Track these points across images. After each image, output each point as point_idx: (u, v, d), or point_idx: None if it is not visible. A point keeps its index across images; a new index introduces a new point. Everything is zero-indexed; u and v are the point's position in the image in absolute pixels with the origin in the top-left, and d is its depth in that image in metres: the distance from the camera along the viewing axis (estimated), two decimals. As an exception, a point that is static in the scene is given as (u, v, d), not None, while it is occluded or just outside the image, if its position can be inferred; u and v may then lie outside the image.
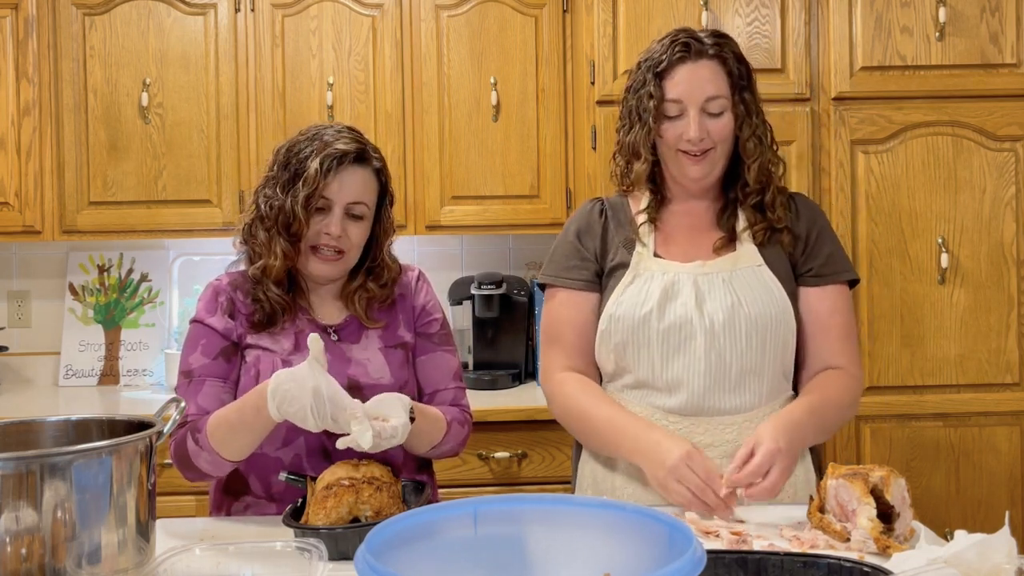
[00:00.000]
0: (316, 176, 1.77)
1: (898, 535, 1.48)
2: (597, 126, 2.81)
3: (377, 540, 1.09)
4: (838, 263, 1.89)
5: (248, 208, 1.89)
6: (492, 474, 2.84)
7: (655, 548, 1.11)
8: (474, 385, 3.14)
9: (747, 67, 1.86)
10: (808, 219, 1.91)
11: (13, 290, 3.41)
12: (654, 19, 2.78)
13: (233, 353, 1.83)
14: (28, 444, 1.48)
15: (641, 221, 1.91)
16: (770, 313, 1.80)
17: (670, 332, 1.80)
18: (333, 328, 1.88)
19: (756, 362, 1.81)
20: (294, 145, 1.84)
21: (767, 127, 1.88)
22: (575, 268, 1.92)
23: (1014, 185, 2.77)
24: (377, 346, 1.88)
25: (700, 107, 1.80)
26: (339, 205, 1.80)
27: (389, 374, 1.85)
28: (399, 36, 3.10)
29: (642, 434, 1.75)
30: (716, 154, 1.84)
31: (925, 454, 2.77)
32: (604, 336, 1.86)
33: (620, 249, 1.89)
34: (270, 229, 1.80)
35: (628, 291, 1.84)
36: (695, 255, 1.86)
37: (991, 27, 2.76)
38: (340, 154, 1.79)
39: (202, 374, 1.81)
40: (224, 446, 1.71)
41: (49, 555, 1.26)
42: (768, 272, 1.84)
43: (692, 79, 1.80)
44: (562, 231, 1.99)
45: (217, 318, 1.84)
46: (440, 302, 2.02)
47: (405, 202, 3.10)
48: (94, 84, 3.06)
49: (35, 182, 3.06)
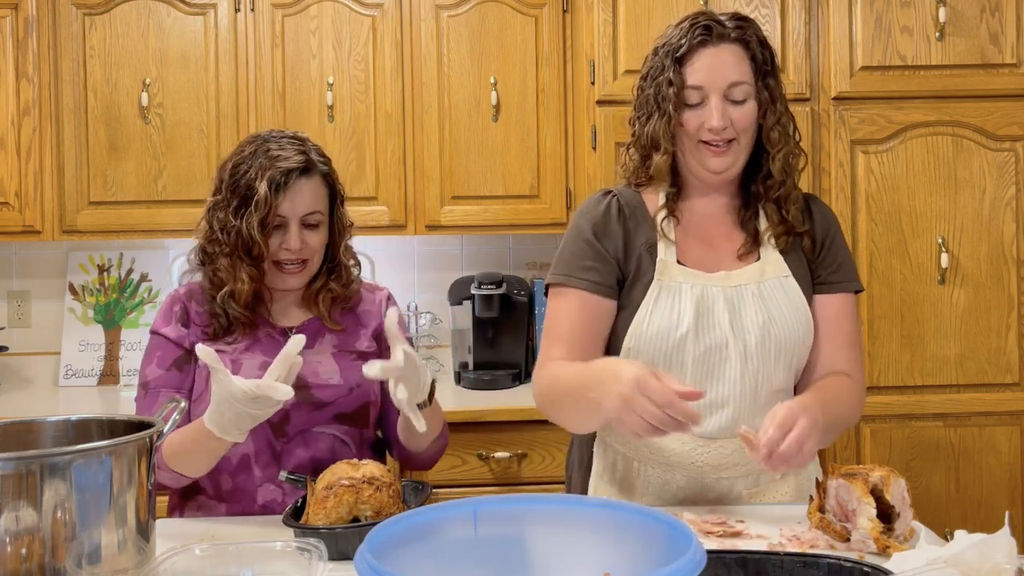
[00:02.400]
0: (267, 198, 1.77)
1: (898, 535, 1.47)
2: (597, 126, 2.82)
3: (377, 540, 1.09)
4: (849, 271, 1.84)
5: (200, 228, 1.89)
6: (492, 474, 2.84)
7: (655, 548, 1.11)
8: (474, 385, 3.14)
9: (771, 52, 1.75)
10: (824, 224, 1.84)
11: (13, 290, 3.41)
12: (654, 19, 2.78)
13: (187, 362, 1.85)
14: (28, 444, 1.47)
15: (662, 217, 1.77)
16: (798, 333, 1.74)
17: (706, 355, 1.70)
18: (292, 330, 1.88)
19: (783, 382, 1.77)
20: (239, 164, 1.83)
21: (790, 116, 1.78)
22: (592, 269, 1.74)
23: (1014, 185, 2.77)
24: (330, 351, 1.88)
25: (723, 94, 1.69)
26: (294, 220, 1.81)
27: (339, 376, 1.86)
28: (399, 36, 3.10)
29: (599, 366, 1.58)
30: (739, 145, 1.72)
31: (925, 454, 2.77)
32: (629, 354, 1.71)
33: (643, 255, 1.75)
34: (231, 255, 1.81)
35: (657, 308, 1.71)
36: (718, 261, 1.76)
37: (991, 27, 2.76)
38: (286, 171, 1.79)
39: (157, 385, 1.84)
40: (184, 467, 1.74)
41: (49, 555, 1.26)
42: (794, 284, 1.76)
43: (714, 64, 1.69)
44: (572, 227, 1.82)
45: (171, 327, 1.86)
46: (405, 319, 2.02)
47: (405, 202, 3.11)
48: (94, 84, 3.06)
49: (35, 182, 3.06)
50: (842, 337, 1.81)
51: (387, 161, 3.11)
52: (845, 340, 1.81)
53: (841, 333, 1.81)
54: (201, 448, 1.69)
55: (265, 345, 1.86)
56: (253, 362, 1.82)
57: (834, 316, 1.81)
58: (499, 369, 3.20)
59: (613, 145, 2.79)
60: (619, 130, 2.79)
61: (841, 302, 1.82)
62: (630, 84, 2.77)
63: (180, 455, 1.72)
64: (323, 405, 1.83)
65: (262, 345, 1.86)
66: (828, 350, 1.80)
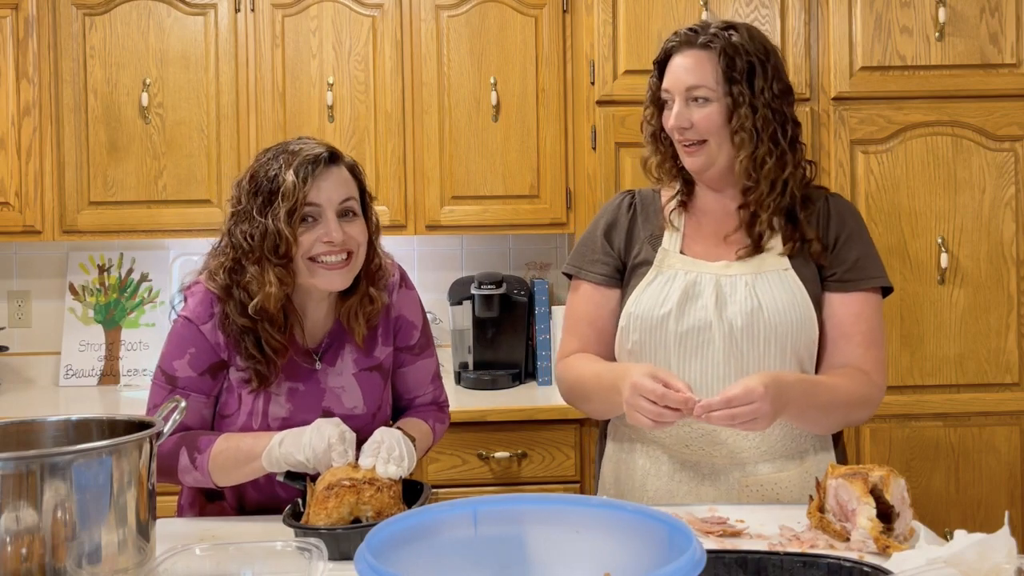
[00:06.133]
0: (295, 186, 1.65)
1: (898, 535, 1.48)
2: (597, 126, 2.81)
3: (377, 540, 1.09)
4: (866, 269, 1.83)
5: (219, 252, 1.75)
6: (492, 474, 2.84)
7: (655, 548, 1.11)
8: (474, 385, 3.14)
9: (749, 59, 1.77)
10: (838, 223, 1.85)
11: (13, 290, 3.41)
12: (654, 19, 2.78)
13: (220, 369, 1.77)
14: (28, 444, 1.48)
15: (670, 208, 1.89)
16: (791, 319, 1.77)
17: (688, 335, 1.79)
18: (317, 352, 1.82)
19: (776, 368, 1.77)
20: (257, 170, 1.71)
21: (770, 124, 1.78)
22: (598, 263, 1.92)
23: (1014, 185, 2.77)
24: (352, 371, 1.82)
25: (684, 96, 1.79)
26: (329, 208, 1.70)
27: (363, 403, 1.83)
28: (399, 36, 3.11)
29: (616, 367, 1.80)
30: (711, 146, 1.80)
31: (925, 454, 2.77)
32: (623, 334, 1.86)
33: (645, 245, 1.89)
34: (259, 260, 1.68)
35: (649, 290, 1.83)
36: (720, 255, 1.84)
37: (991, 27, 2.76)
38: (313, 158, 1.69)
39: (187, 387, 1.75)
40: (222, 476, 1.73)
41: (49, 555, 1.26)
42: (793, 276, 1.80)
43: (678, 68, 1.80)
44: (591, 223, 1.99)
45: (210, 327, 1.75)
46: (420, 298, 1.93)
47: (405, 202, 3.11)
48: (94, 84, 3.07)
49: (35, 182, 3.06)
50: (859, 337, 1.80)
51: (387, 161, 3.11)
52: (862, 340, 1.80)
53: (858, 332, 1.80)
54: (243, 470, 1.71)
55: (293, 369, 1.78)
56: (282, 390, 1.78)
57: (850, 315, 1.81)
58: (499, 369, 3.20)
59: (613, 145, 2.79)
60: (619, 130, 2.79)
61: (858, 301, 1.81)
62: (630, 84, 2.80)
63: (230, 463, 1.71)
64: None
65: (289, 369, 1.78)
66: (844, 350, 1.80)
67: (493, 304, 3.16)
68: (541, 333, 3.19)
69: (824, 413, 1.76)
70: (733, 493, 1.80)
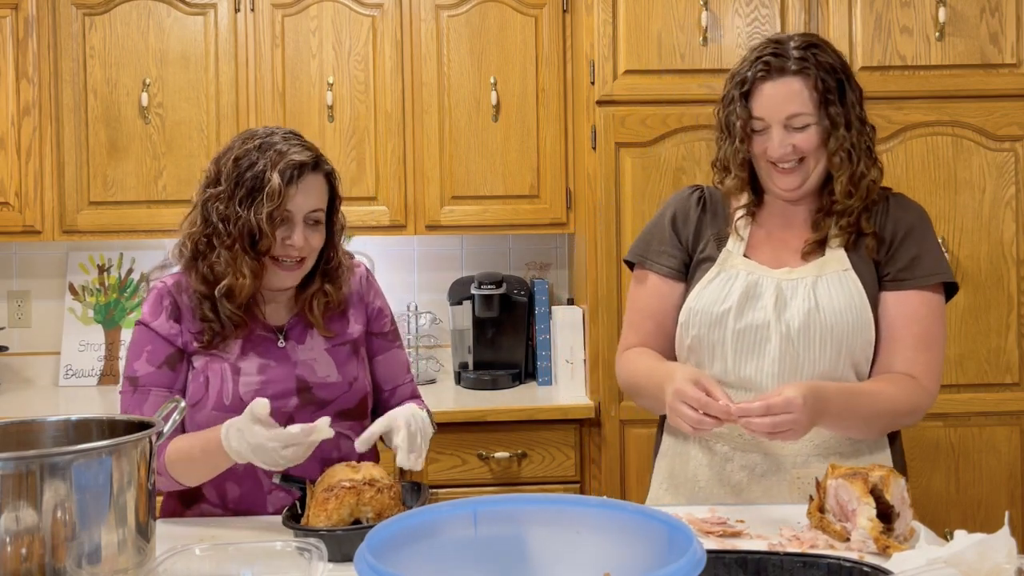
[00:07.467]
0: (279, 190, 1.72)
1: (898, 535, 1.48)
2: (597, 126, 2.81)
3: (377, 540, 1.09)
4: (924, 267, 1.81)
5: (191, 221, 1.81)
6: (492, 474, 2.84)
7: (655, 548, 1.11)
8: (474, 385, 3.14)
9: (839, 77, 1.79)
10: (896, 220, 1.84)
11: (13, 290, 3.41)
12: (654, 19, 2.78)
13: (179, 360, 1.81)
14: (28, 444, 1.47)
15: (738, 216, 1.89)
16: (847, 320, 1.76)
17: (745, 333, 1.79)
18: (282, 330, 1.86)
19: (830, 368, 1.77)
20: (241, 156, 1.77)
21: (862, 136, 1.80)
22: (665, 254, 1.93)
23: (1014, 185, 2.77)
24: (323, 346, 1.87)
25: (783, 124, 1.77)
26: (299, 215, 1.77)
27: (336, 372, 1.86)
28: (399, 36, 3.10)
29: (664, 367, 1.80)
30: (809, 164, 1.80)
31: (925, 454, 2.77)
32: (683, 328, 1.87)
33: (711, 242, 1.89)
34: (232, 247, 1.75)
35: (711, 286, 1.84)
36: (784, 260, 1.84)
37: (991, 27, 2.76)
38: (299, 164, 1.75)
39: (148, 383, 1.79)
40: (184, 476, 1.74)
41: (49, 555, 1.26)
42: (854, 277, 1.79)
43: (774, 97, 1.77)
44: (658, 212, 1.99)
45: (161, 322, 1.80)
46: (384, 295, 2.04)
47: (405, 202, 3.11)
48: (94, 84, 3.06)
49: (35, 182, 3.06)
50: (910, 339, 1.78)
51: (387, 161, 3.11)
52: (913, 342, 1.78)
53: (910, 334, 1.78)
54: (209, 463, 1.70)
55: (260, 346, 1.84)
56: (251, 365, 1.81)
57: (901, 316, 1.79)
58: (499, 369, 3.20)
59: (613, 145, 2.79)
60: (619, 130, 2.79)
61: (913, 300, 1.80)
62: (630, 84, 2.80)
63: (183, 463, 1.72)
64: (325, 404, 1.83)
65: (256, 347, 1.83)
66: (893, 352, 1.79)
67: (493, 304, 3.16)
68: (541, 333, 3.19)
69: (865, 422, 1.75)
70: (784, 488, 1.80)
